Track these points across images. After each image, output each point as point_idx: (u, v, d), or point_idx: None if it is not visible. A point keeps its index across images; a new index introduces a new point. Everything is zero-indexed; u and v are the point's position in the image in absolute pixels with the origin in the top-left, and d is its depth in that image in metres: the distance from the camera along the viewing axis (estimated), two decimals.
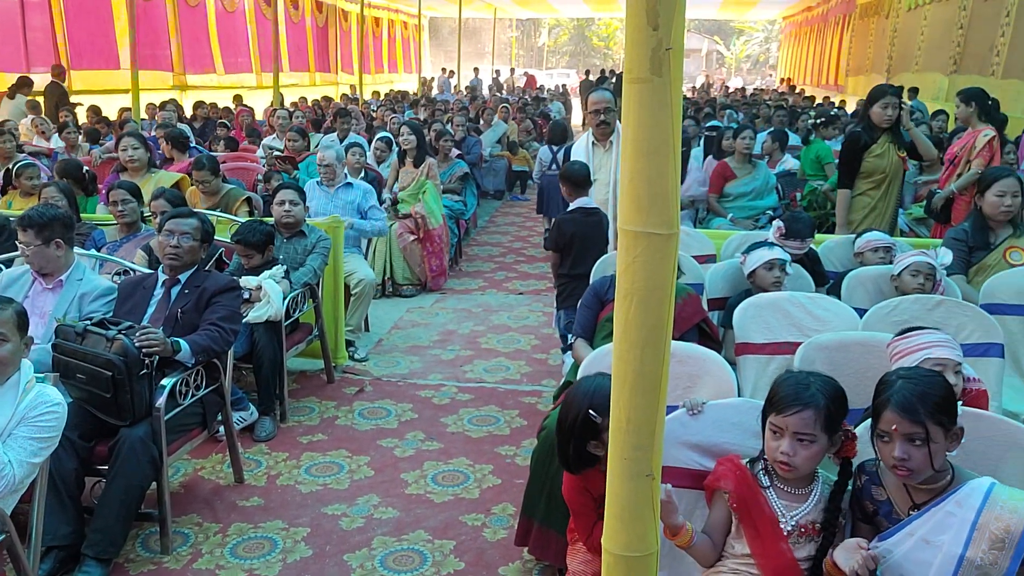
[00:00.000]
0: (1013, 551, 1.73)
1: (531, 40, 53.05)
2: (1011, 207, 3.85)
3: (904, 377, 1.92)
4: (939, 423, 1.83)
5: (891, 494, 1.96)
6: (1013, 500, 1.77)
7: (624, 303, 1.27)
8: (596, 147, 4.63)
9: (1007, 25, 11.12)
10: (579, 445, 2.18)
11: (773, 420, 1.94)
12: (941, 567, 1.78)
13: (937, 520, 1.83)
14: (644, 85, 1.19)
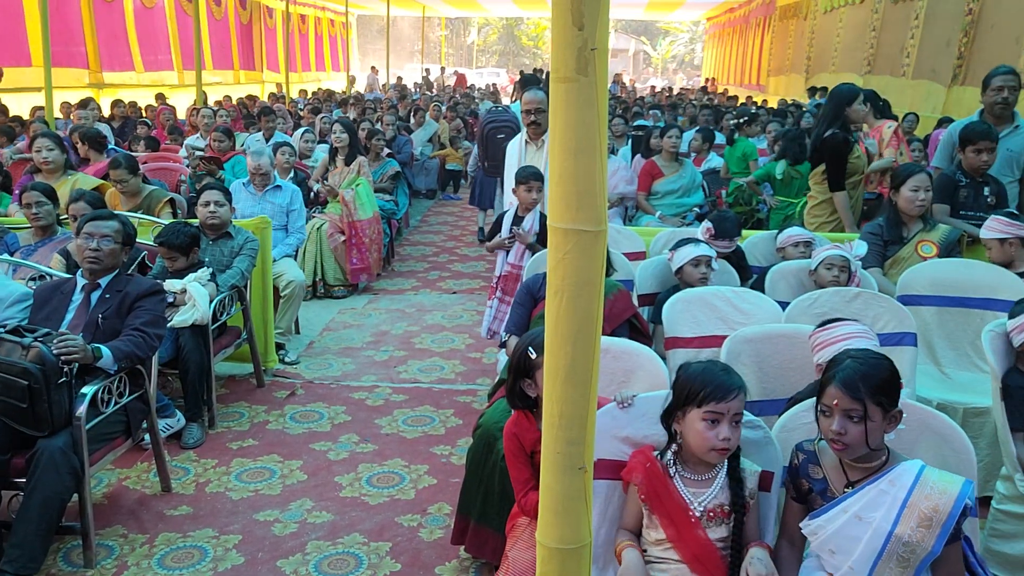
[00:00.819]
0: (939, 530, 1.82)
1: (460, 39, 53.00)
2: (924, 201, 4.03)
3: (852, 357, 2.01)
4: (878, 403, 1.91)
5: (827, 473, 2.04)
6: (942, 482, 1.87)
7: (555, 299, 1.29)
8: (529, 146, 4.67)
9: (916, 28, 11.63)
10: (516, 381, 2.37)
11: (712, 408, 1.99)
12: (871, 542, 1.87)
13: (870, 498, 1.91)
14: (571, 84, 1.20)
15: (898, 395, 1.96)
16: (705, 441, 2.00)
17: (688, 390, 2.03)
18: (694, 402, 2.01)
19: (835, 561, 1.96)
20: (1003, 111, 4.65)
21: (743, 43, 25.22)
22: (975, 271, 3.81)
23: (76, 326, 3.29)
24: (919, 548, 1.84)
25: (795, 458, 2.11)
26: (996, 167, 4.49)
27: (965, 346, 3.73)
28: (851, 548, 1.91)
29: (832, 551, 1.96)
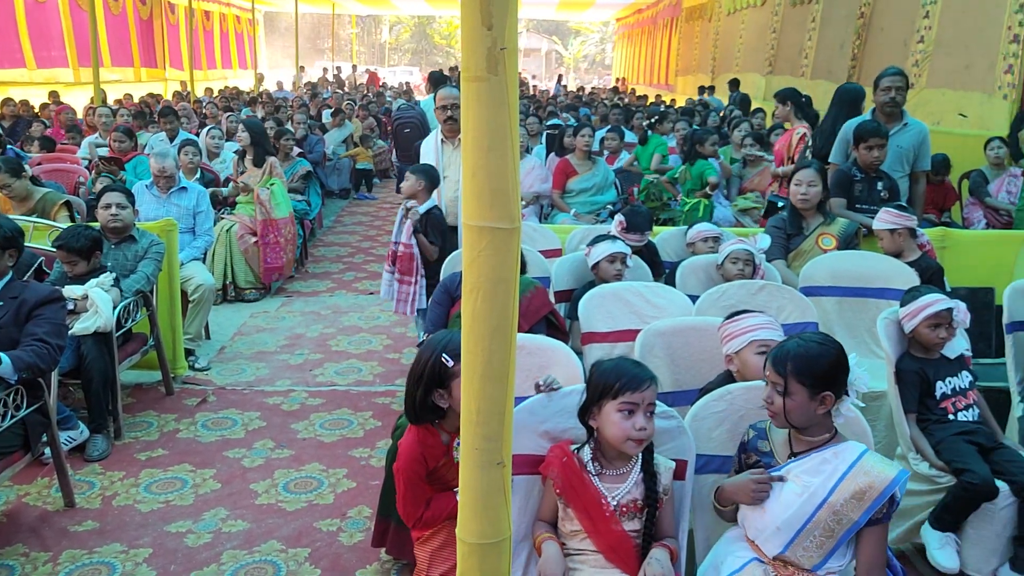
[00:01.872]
0: (868, 505, 1.98)
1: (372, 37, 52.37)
2: (807, 195, 4.20)
3: (798, 338, 2.17)
4: (801, 382, 2.05)
5: (775, 446, 2.19)
6: (881, 465, 2.02)
7: (471, 297, 1.30)
8: (445, 144, 4.64)
9: (813, 30, 12.13)
10: (427, 392, 2.26)
11: (628, 399, 2.05)
12: (805, 505, 2.02)
13: (813, 465, 2.07)
14: (481, 83, 1.21)
15: (834, 382, 2.07)
16: (622, 432, 2.05)
17: (603, 384, 2.08)
18: (609, 395, 2.06)
19: (764, 522, 2.07)
20: (892, 110, 4.91)
21: (651, 43, 25.79)
22: (871, 262, 4.01)
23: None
24: (845, 519, 1.98)
25: (746, 435, 2.26)
26: (888, 163, 4.73)
27: (863, 333, 3.91)
28: (784, 507, 2.04)
29: (764, 511, 2.08)
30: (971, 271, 4.39)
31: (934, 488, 2.89)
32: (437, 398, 2.28)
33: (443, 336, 2.32)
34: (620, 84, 25.69)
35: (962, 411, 2.97)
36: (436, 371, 2.25)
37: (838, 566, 2.05)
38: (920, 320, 2.94)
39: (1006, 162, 6.34)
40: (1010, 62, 7.42)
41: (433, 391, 2.26)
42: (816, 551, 2.02)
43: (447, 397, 2.25)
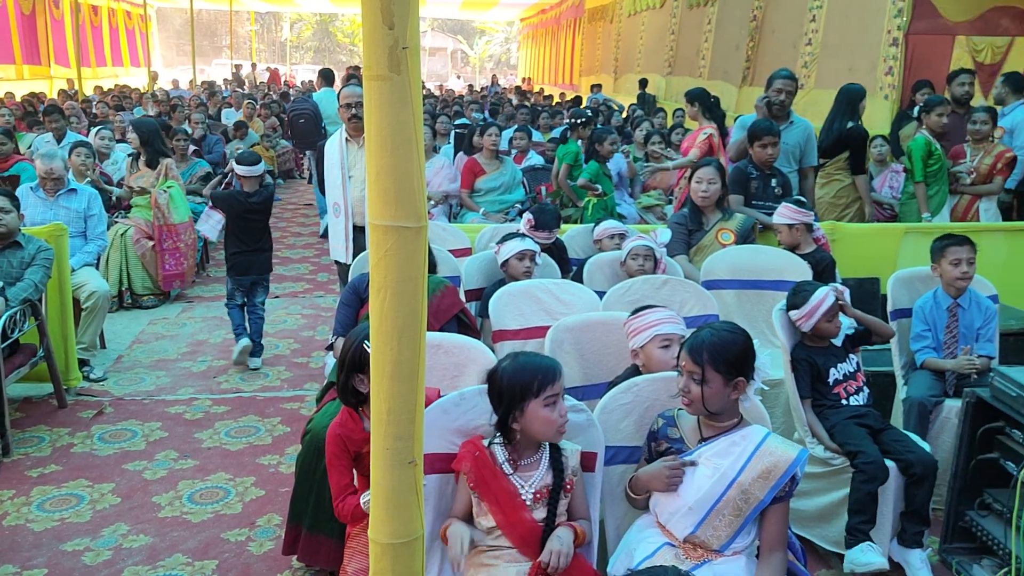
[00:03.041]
0: (773, 483, 2.09)
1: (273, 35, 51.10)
2: (707, 192, 4.36)
3: (710, 327, 2.25)
4: (716, 370, 2.14)
5: (684, 433, 2.27)
6: (784, 446, 2.14)
7: (378, 296, 1.29)
8: (350, 144, 4.57)
9: (709, 32, 12.54)
10: (348, 376, 2.33)
11: (550, 391, 2.08)
12: (715, 485, 2.11)
13: (722, 447, 2.16)
14: (384, 82, 1.21)
15: (745, 367, 2.18)
16: (551, 424, 2.09)
17: (521, 386, 2.08)
18: (531, 394, 2.08)
19: (675, 504, 2.15)
20: (780, 111, 5.14)
21: (555, 44, 26.11)
22: (767, 256, 4.19)
23: None
24: (752, 498, 2.09)
25: (655, 424, 2.32)
26: (778, 159, 4.94)
27: (760, 324, 4.07)
28: (696, 488, 2.13)
29: (677, 494, 2.16)
30: (858, 262, 4.64)
31: (829, 470, 3.04)
32: (358, 383, 2.35)
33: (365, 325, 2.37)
34: (526, 84, 25.88)
35: (854, 395, 3.13)
36: (358, 356, 2.31)
37: (743, 545, 2.14)
38: (817, 318, 3.08)
39: (888, 159, 6.72)
40: (890, 64, 7.87)
41: (354, 376, 2.34)
42: (725, 530, 2.11)
43: (366, 382, 2.30)
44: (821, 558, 3.11)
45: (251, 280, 4.98)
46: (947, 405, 3.39)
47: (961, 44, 7.83)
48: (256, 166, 4.96)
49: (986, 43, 7.81)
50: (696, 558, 2.13)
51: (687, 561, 2.12)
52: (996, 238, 4.85)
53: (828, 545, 3.08)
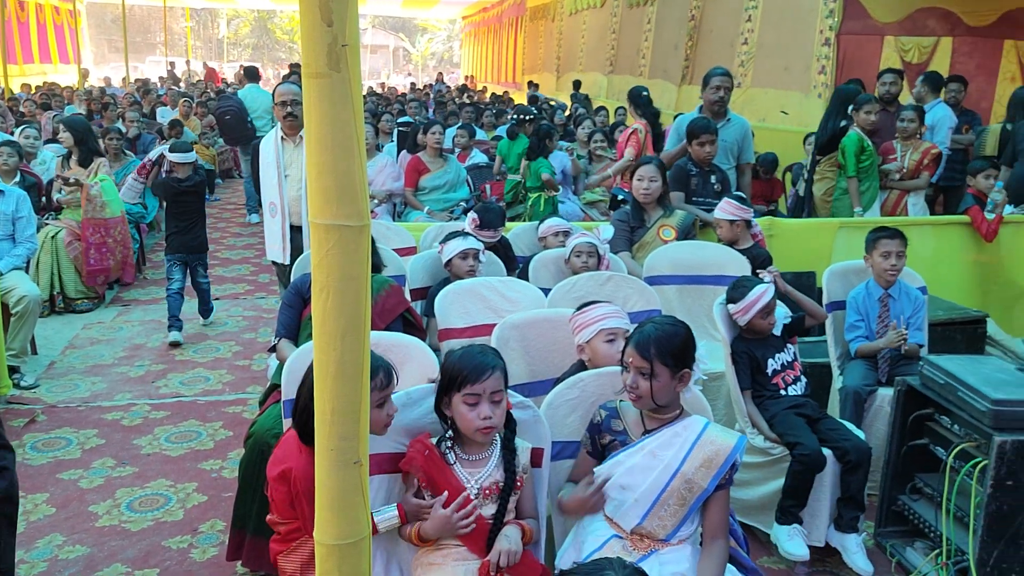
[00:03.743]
0: (715, 471, 2.13)
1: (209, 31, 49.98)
2: (649, 190, 4.42)
3: (654, 322, 2.28)
4: (664, 363, 2.17)
5: (627, 425, 2.28)
6: (724, 434, 2.20)
7: (321, 296, 1.28)
8: (286, 142, 4.50)
9: (649, 31, 12.71)
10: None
11: (470, 390, 2.08)
12: (660, 476, 2.15)
13: (665, 439, 2.20)
14: (323, 80, 1.20)
15: (689, 359, 2.22)
16: (469, 422, 2.09)
17: (449, 376, 2.11)
18: (455, 386, 2.09)
19: (621, 496, 2.17)
20: (719, 108, 5.24)
21: (498, 42, 26.12)
22: (707, 251, 4.27)
23: None
24: (696, 487, 2.12)
25: (597, 416, 2.33)
26: (716, 156, 5.04)
27: (702, 318, 4.14)
28: (641, 481, 2.16)
29: (623, 487, 2.18)
30: (795, 256, 4.77)
31: (769, 459, 3.12)
32: None
33: None
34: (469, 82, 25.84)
35: (791, 385, 3.22)
36: None
37: (688, 532, 2.19)
38: (753, 314, 3.15)
39: None
40: (823, 63, 8.09)
41: None
42: (671, 520, 2.15)
43: None
44: (763, 545, 3.19)
45: (189, 258, 5.51)
46: (880, 394, 3.51)
47: (890, 44, 8.09)
48: (188, 153, 5.52)
49: (913, 43, 8.08)
50: (643, 548, 2.16)
51: (635, 552, 2.15)
52: (924, 232, 5.03)
53: (771, 535, 3.16)
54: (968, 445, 2.77)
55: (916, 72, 7.86)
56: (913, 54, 8.09)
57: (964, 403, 2.77)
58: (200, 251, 5.59)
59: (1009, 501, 2.63)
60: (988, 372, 2.84)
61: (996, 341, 4.66)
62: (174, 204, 5.47)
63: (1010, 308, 5.15)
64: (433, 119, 7.93)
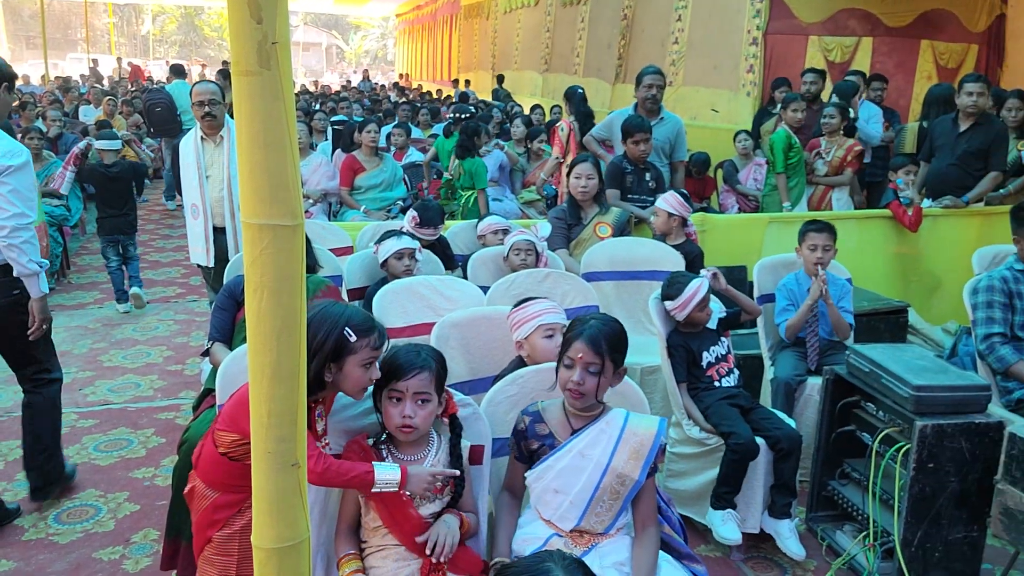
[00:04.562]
0: (643, 461, 2.14)
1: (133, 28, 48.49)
2: (586, 188, 4.47)
3: (595, 318, 2.26)
4: (612, 359, 2.18)
5: (552, 428, 2.25)
6: (645, 422, 2.21)
7: (255, 297, 1.26)
8: (206, 143, 4.39)
9: (583, 30, 12.82)
10: (321, 365, 2.01)
11: (394, 387, 2.07)
12: (591, 474, 2.14)
13: (592, 437, 2.19)
14: (254, 78, 1.18)
15: (625, 354, 2.24)
16: (389, 419, 2.09)
17: (382, 371, 2.10)
18: (383, 381, 2.09)
19: (557, 501, 2.17)
20: (652, 106, 5.32)
21: (433, 40, 25.99)
22: (643, 247, 4.34)
23: None
24: (628, 479, 2.13)
25: (521, 422, 2.29)
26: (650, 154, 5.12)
27: (639, 313, 4.22)
28: (573, 483, 2.15)
29: (556, 490, 2.18)
30: (727, 251, 4.88)
31: (705, 450, 3.19)
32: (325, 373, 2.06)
33: (340, 309, 2.09)
34: (403, 80, 25.66)
35: (725, 377, 3.30)
36: (338, 344, 2.01)
37: (624, 522, 2.22)
38: (691, 309, 3.22)
39: (752, 153, 7.08)
40: (751, 62, 8.29)
41: (328, 365, 2.04)
42: (607, 514, 2.17)
43: (335, 372, 2.05)
44: (700, 534, 3.26)
45: (118, 240, 6.04)
46: (810, 383, 3.62)
47: (814, 44, 8.34)
48: (114, 140, 6.12)
49: (836, 43, 8.35)
50: (584, 544, 2.18)
51: (576, 548, 2.16)
52: (849, 225, 5.20)
53: (706, 521, 3.23)
54: (892, 430, 2.88)
55: (839, 71, 8.13)
56: (836, 53, 8.35)
57: (888, 390, 2.88)
58: (131, 231, 6.16)
59: (930, 483, 2.74)
60: (909, 360, 2.95)
61: (917, 330, 4.86)
62: (103, 191, 6.04)
63: (929, 298, 5.37)
64: (368, 117, 7.86)
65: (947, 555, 2.81)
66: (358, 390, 2.08)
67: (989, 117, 5.46)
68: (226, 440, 2.07)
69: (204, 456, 2.16)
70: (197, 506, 2.16)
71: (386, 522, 2.09)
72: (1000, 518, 2.53)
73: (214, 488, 2.13)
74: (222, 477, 2.11)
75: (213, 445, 2.11)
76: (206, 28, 48.90)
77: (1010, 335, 3.40)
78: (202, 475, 2.16)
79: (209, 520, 2.12)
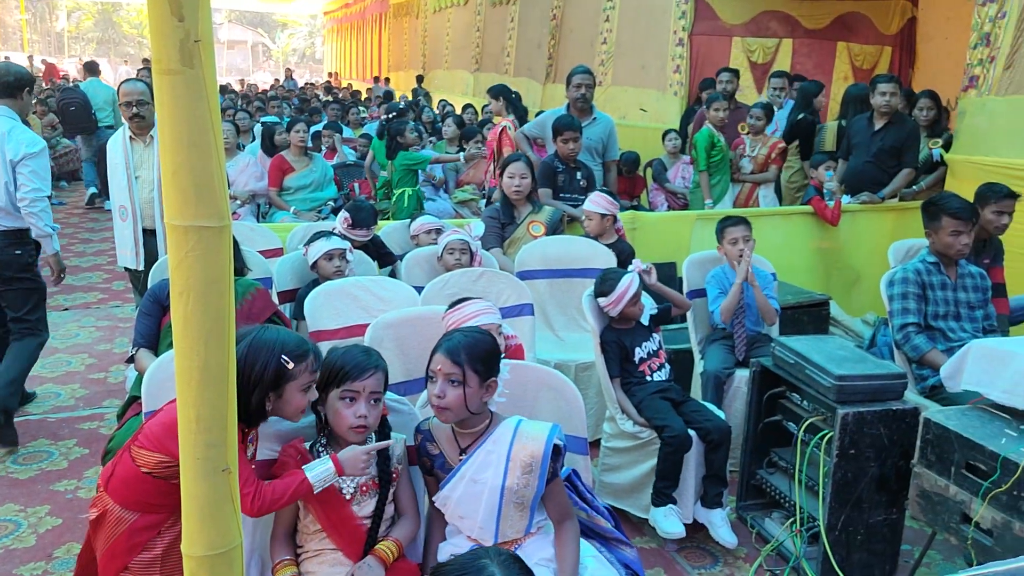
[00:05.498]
0: (539, 472, 2.08)
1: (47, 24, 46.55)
2: (520, 187, 4.50)
3: (459, 331, 2.22)
4: (475, 370, 2.09)
5: (442, 447, 2.21)
6: (534, 431, 2.12)
7: (181, 300, 1.24)
8: (135, 143, 4.26)
9: (512, 30, 12.87)
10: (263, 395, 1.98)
11: (349, 387, 2.06)
12: (489, 500, 2.09)
13: (480, 461, 2.12)
14: (176, 77, 1.16)
15: (495, 368, 2.16)
16: (343, 419, 2.06)
17: (329, 372, 2.08)
18: (334, 383, 2.07)
19: (466, 524, 2.15)
20: (583, 105, 5.39)
21: (362, 38, 25.71)
22: (576, 246, 4.38)
23: None
24: (527, 491, 2.09)
25: (416, 438, 2.26)
26: (582, 153, 5.18)
27: (572, 311, 4.27)
28: (475, 509, 2.11)
29: (461, 516, 2.14)
30: (657, 248, 4.97)
31: (638, 443, 3.25)
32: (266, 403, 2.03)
33: (272, 336, 2.04)
34: (333, 79, 25.31)
35: (657, 371, 3.36)
36: (277, 373, 1.98)
37: (541, 520, 2.19)
38: (624, 304, 3.27)
39: (680, 151, 7.23)
40: (677, 63, 8.46)
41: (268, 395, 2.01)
42: (520, 522, 2.13)
43: (275, 400, 2.02)
44: (635, 526, 3.31)
45: None
46: (738, 375, 3.72)
47: (737, 45, 8.56)
48: None
49: (758, 44, 8.59)
50: (509, 547, 2.16)
51: None
52: (773, 221, 5.36)
53: (641, 513, 3.29)
54: (816, 419, 2.98)
55: (762, 72, 8.36)
56: (758, 54, 8.59)
57: (811, 380, 2.98)
58: None
59: (852, 469, 2.85)
60: (831, 351, 3.07)
61: (838, 321, 5.04)
62: None
63: (849, 290, 5.58)
64: (297, 116, 7.74)
65: (869, 537, 2.93)
66: (297, 413, 2.06)
67: (902, 116, 5.69)
68: (150, 460, 1.98)
69: (119, 475, 2.04)
70: (109, 532, 2.03)
71: (323, 525, 2.07)
72: (917, 500, 2.65)
73: (131, 509, 2.02)
74: (142, 496, 2.01)
75: (131, 463, 2.01)
76: (125, 25, 47.29)
77: (924, 325, 3.56)
78: (118, 497, 2.03)
79: (127, 545, 2.01)
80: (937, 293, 3.59)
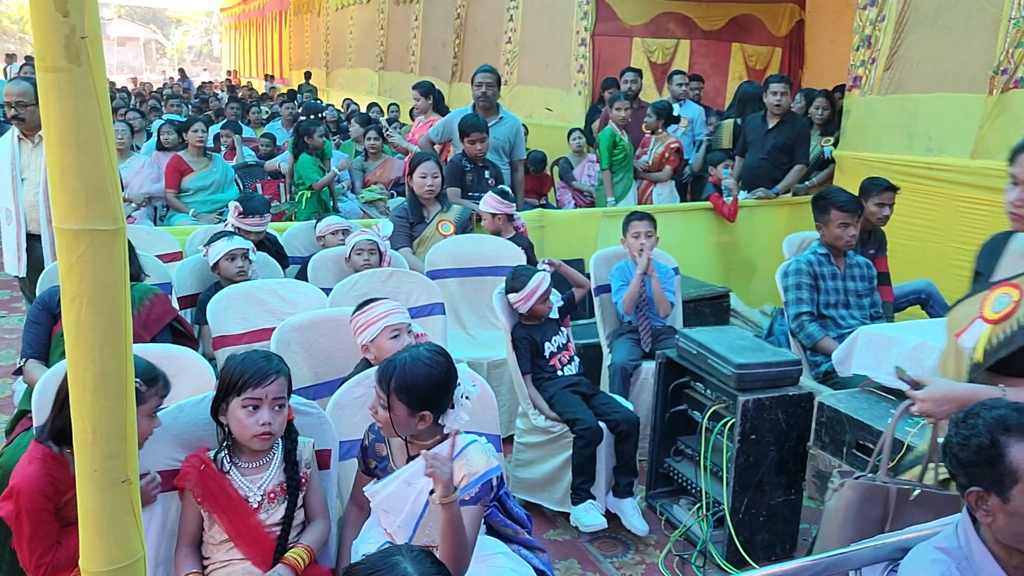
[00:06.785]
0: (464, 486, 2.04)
1: None
2: (432, 186, 4.50)
3: (407, 353, 2.12)
4: (400, 400, 2.04)
5: (392, 450, 2.21)
6: (478, 459, 2.08)
7: (73, 307, 1.18)
8: (23, 143, 4.05)
9: (417, 29, 12.80)
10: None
11: (250, 394, 2.01)
12: (415, 503, 2.10)
13: (418, 467, 2.08)
14: (62, 75, 1.11)
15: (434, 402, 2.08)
16: (246, 428, 2.02)
17: (228, 380, 2.03)
18: (234, 391, 2.02)
19: (389, 519, 2.16)
20: (486, 104, 5.41)
21: (262, 36, 25.05)
22: (485, 244, 4.41)
23: None
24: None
25: (366, 438, 2.25)
26: (489, 152, 5.21)
27: (483, 308, 4.29)
28: (400, 508, 2.12)
29: (386, 511, 2.15)
30: (565, 245, 5.05)
31: (550, 437, 3.29)
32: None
33: None
34: (232, 77, 24.57)
35: (567, 365, 3.42)
36: None
37: None
38: (534, 301, 3.31)
39: (585, 150, 7.35)
40: (581, 62, 8.59)
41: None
42: (435, 531, 2.09)
43: None
44: (548, 519, 3.36)
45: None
46: (644, 367, 3.81)
47: (638, 45, 8.76)
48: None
49: (657, 45, 8.82)
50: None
51: None
52: (673, 218, 5.52)
53: (554, 506, 3.34)
54: (719, 407, 3.09)
55: (661, 71, 8.59)
56: (658, 55, 8.82)
57: (714, 369, 3.09)
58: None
59: (753, 453, 2.97)
60: (731, 341, 3.19)
61: (738, 312, 5.24)
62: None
63: (747, 282, 5.80)
64: (195, 116, 7.49)
65: (770, 518, 3.06)
66: (142, 440, 1.97)
67: (794, 115, 5.96)
68: None
69: None
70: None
71: (230, 534, 2.02)
72: (813, 480, 2.79)
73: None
74: None
75: None
76: (4, 20, 44.56)
77: (816, 313, 3.74)
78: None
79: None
80: (828, 283, 3.77)
